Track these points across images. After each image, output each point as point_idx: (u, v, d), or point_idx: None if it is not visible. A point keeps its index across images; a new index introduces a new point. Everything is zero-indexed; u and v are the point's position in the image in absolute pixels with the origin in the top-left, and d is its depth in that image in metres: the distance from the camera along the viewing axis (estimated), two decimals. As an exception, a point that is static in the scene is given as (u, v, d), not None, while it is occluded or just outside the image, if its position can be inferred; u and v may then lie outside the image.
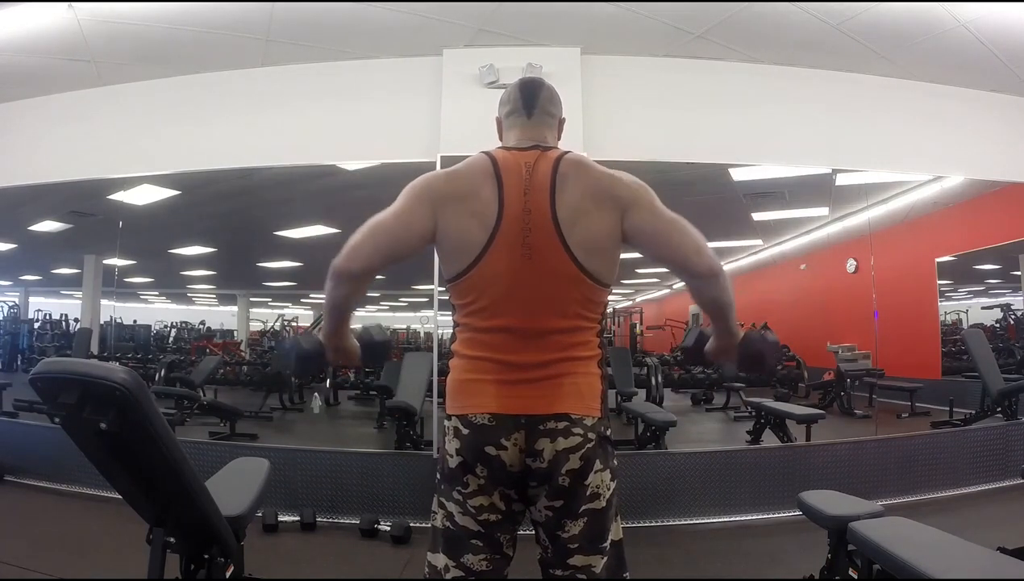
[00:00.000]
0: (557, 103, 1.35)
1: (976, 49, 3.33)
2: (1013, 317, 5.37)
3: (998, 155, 3.85)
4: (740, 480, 3.27)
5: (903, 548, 1.53)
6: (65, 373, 1.28)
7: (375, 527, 3.01)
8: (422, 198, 1.20)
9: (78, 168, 3.82)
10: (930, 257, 4.88)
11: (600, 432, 1.18)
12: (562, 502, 1.16)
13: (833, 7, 3.03)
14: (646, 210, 1.19)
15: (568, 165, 1.20)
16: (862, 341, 4.62)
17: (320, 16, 3.15)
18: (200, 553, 1.59)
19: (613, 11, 3.11)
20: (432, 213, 1.19)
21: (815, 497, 2.00)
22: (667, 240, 1.19)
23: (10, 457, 3.65)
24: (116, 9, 3.02)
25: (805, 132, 3.65)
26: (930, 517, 2.05)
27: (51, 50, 3.38)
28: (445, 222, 1.19)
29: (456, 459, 1.18)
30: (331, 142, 3.57)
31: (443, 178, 1.22)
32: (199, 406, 4.58)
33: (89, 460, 1.45)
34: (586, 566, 1.17)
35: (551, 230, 1.16)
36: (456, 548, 1.18)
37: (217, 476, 1.99)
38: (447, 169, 1.24)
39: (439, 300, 3.35)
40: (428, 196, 1.20)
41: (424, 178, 1.23)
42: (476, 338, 1.21)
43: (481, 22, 3.24)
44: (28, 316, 6.19)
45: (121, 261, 4.38)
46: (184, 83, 3.73)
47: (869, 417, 4.45)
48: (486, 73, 3.32)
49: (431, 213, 1.19)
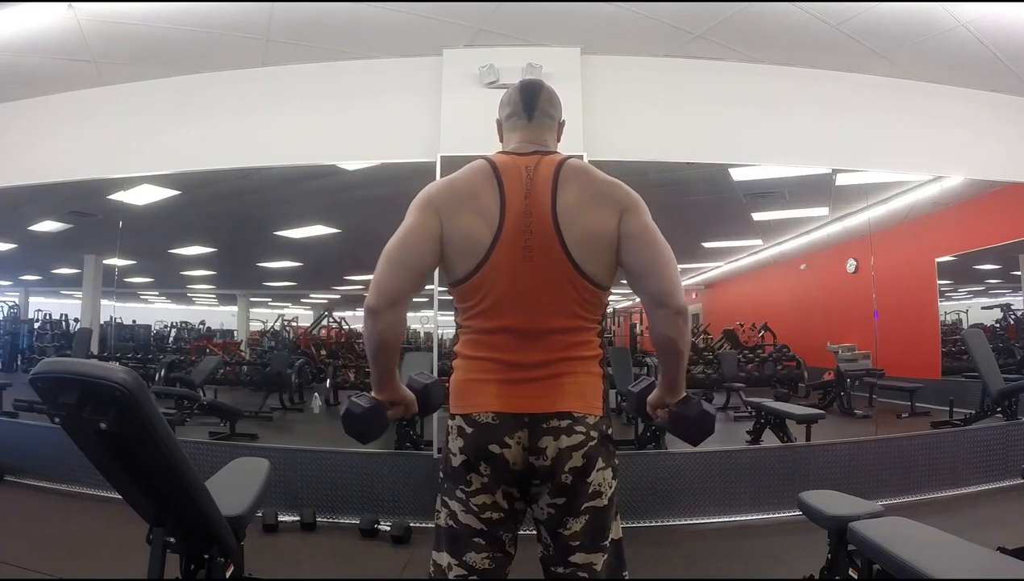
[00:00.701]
0: (557, 105, 1.36)
1: (976, 49, 3.33)
2: (1013, 317, 5.37)
3: (998, 155, 3.85)
4: (740, 480, 3.27)
5: (903, 548, 1.53)
6: (65, 373, 1.28)
7: (375, 527, 3.01)
8: (426, 207, 1.21)
9: (78, 168, 3.82)
10: (930, 257, 4.88)
11: (602, 431, 1.19)
12: (564, 500, 1.16)
13: (833, 7, 3.03)
14: (641, 220, 1.20)
15: (570, 169, 1.22)
16: (862, 341, 4.62)
17: (320, 16, 3.15)
18: (200, 553, 1.59)
19: (613, 11, 3.11)
20: (438, 219, 1.20)
21: (815, 497, 2.00)
22: (652, 259, 1.18)
23: (10, 457, 3.65)
24: (116, 9, 3.02)
25: (805, 132, 3.65)
26: (930, 517, 2.05)
27: (51, 50, 3.38)
28: (449, 227, 1.20)
29: (460, 458, 1.18)
30: (331, 142, 3.58)
31: (443, 186, 1.24)
32: (199, 406, 4.58)
33: (89, 460, 1.45)
34: (587, 564, 1.17)
35: (551, 232, 1.17)
36: (459, 546, 1.18)
37: (217, 476, 1.99)
38: (446, 177, 1.26)
39: (439, 300, 3.35)
40: (431, 204, 1.21)
41: (425, 190, 1.25)
42: (479, 339, 1.22)
43: (481, 22, 3.24)
44: (28, 316, 6.19)
45: (121, 261, 4.37)
46: (184, 83, 3.73)
47: (869, 417, 4.45)
48: (486, 73, 3.32)
49: (437, 219, 1.20)
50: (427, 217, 1.20)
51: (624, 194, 1.22)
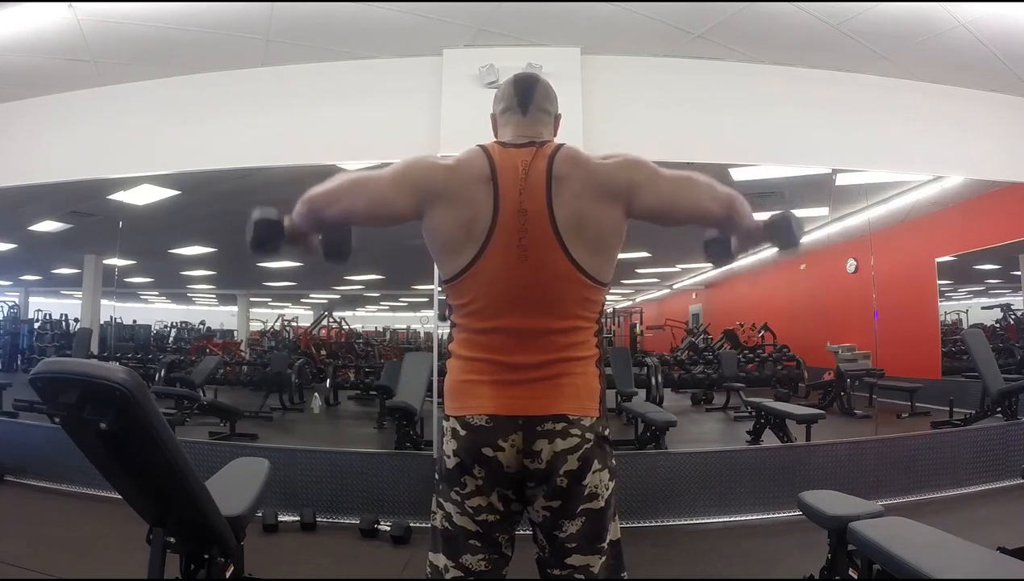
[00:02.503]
0: (553, 99, 1.33)
1: (976, 49, 3.33)
2: (1013, 317, 5.37)
3: (998, 155, 3.84)
4: (740, 480, 3.27)
5: (903, 548, 1.53)
6: (65, 373, 1.28)
7: (375, 527, 3.01)
8: (416, 188, 1.18)
9: (78, 168, 3.81)
10: (930, 257, 4.88)
11: (598, 432, 1.18)
12: (560, 502, 1.15)
13: (833, 7, 3.03)
14: (648, 188, 1.20)
15: (562, 162, 1.19)
16: (862, 341, 4.62)
17: (320, 16, 3.15)
18: (200, 553, 1.59)
19: (613, 11, 3.11)
20: (419, 205, 1.18)
21: (815, 497, 2.00)
22: (680, 204, 1.22)
23: (10, 457, 3.65)
24: (116, 9, 3.02)
25: (805, 132, 3.65)
26: (930, 517, 2.05)
27: (51, 50, 3.38)
28: (439, 220, 1.18)
29: (454, 460, 1.17)
30: (331, 142, 3.57)
31: (442, 173, 1.19)
32: (199, 406, 4.58)
33: (89, 460, 1.45)
34: (584, 566, 1.16)
35: (548, 230, 1.15)
36: (455, 548, 1.18)
37: (217, 476, 1.99)
38: (447, 163, 1.21)
39: (439, 300, 3.35)
40: (422, 188, 1.18)
41: (426, 167, 1.21)
42: (473, 339, 1.20)
43: (481, 22, 3.24)
44: (28, 316, 6.20)
45: (121, 261, 4.38)
46: (184, 83, 3.73)
47: (869, 417, 4.45)
48: (486, 73, 3.32)
49: (418, 205, 1.18)
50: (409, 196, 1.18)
51: (620, 178, 1.19)
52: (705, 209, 1.20)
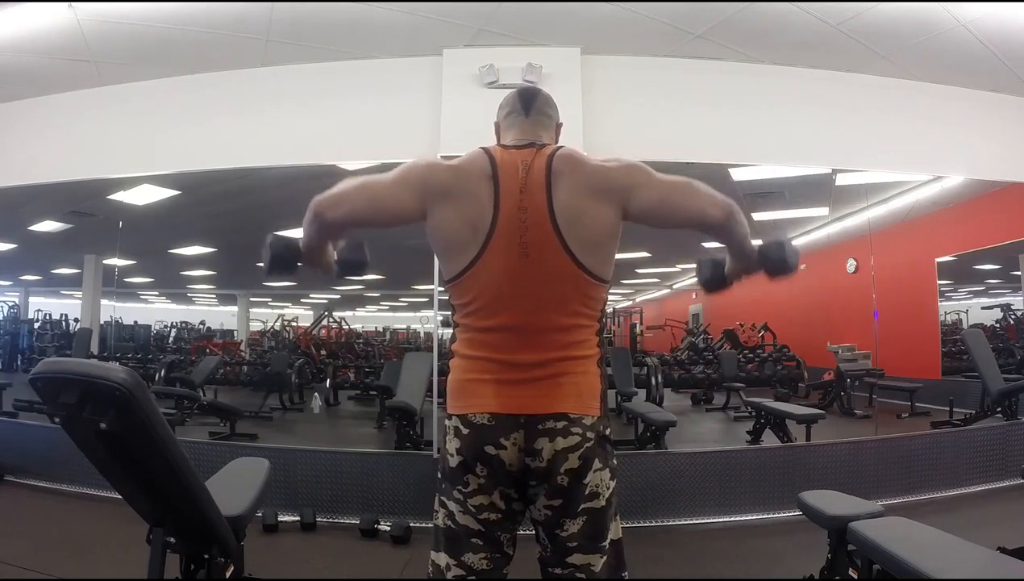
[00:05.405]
0: (554, 107, 1.37)
1: (976, 49, 3.33)
2: (1013, 317, 5.37)
3: (998, 155, 3.84)
4: (740, 480, 3.27)
5: (903, 548, 1.53)
6: (65, 373, 1.28)
7: (375, 527, 3.01)
8: (418, 186, 1.20)
9: (78, 168, 3.81)
10: (930, 257, 4.88)
11: (599, 431, 1.18)
12: (561, 501, 1.16)
13: (833, 7, 3.03)
14: (645, 188, 1.20)
15: (561, 161, 1.20)
16: (862, 341, 4.63)
17: (320, 16, 3.15)
18: (200, 553, 1.59)
19: (613, 11, 3.11)
20: (422, 204, 1.19)
21: (815, 497, 2.00)
22: (678, 207, 1.21)
23: (10, 457, 3.65)
24: (116, 9, 3.02)
25: (805, 132, 3.64)
26: (930, 517, 2.05)
27: (51, 50, 3.38)
28: (442, 219, 1.19)
29: (456, 458, 1.18)
30: (331, 142, 3.57)
31: (445, 172, 1.21)
32: (199, 406, 4.58)
33: (89, 460, 1.45)
34: (585, 565, 1.17)
35: (548, 228, 1.16)
36: (457, 547, 1.18)
37: (217, 476, 1.99)
38: (450, 163, 1.23)
39: (439, 300, 3.35)
40: (425, 186, 1.20)
41: (429, 166, 1.23)
42: (475, 338, 1.21)
43: (481, 22, 3.24)
44: (28, 316, 6.20)
45: (121, 261, 4.38)
46: (184, 83, 3.73)
47: (869, 417, 4.45)
48: (486, 73, 3.32)
49: (421, 204, 1.19)
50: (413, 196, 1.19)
51: (618, 178, 1.20)
52: (704, 212, 1.20)
